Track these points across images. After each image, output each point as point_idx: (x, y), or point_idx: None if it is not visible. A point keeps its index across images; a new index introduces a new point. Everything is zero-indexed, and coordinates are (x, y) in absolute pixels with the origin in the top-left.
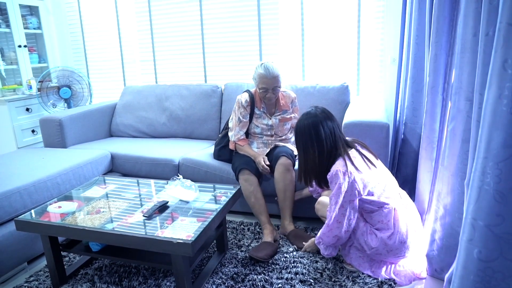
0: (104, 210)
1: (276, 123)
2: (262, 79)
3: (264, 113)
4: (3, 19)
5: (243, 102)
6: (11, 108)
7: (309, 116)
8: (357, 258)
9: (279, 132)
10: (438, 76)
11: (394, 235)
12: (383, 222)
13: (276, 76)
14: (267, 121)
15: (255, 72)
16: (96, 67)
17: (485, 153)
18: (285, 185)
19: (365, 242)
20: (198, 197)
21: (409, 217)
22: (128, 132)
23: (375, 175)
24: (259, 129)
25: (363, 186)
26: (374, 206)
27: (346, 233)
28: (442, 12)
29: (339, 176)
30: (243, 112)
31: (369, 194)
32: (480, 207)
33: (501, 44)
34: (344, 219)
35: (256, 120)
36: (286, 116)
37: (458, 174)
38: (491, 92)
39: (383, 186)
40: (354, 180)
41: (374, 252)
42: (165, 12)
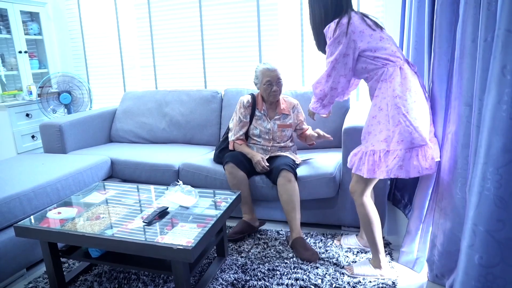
0: (104, 216)
1: (274, 128)
2: (266, 73)
3: (264, 115)
4: (4, 25)
5: (245, 102)
6: (11, 114)
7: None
8: (370, 163)
9: (277, 138)
10: (442, 82)
11: (394, 90)
12: (386, 81)
13: (277, 69)
14: (266, 124)
15: (256, 71)
16: (96, 72)
17: (485, 158)
18: (289, 196)
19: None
20: (198, 202)
21: (416, 83)
22: (128, 138)
23: (379, 35)
24: (258, 131)
25: (365, 41)
26: (378, 63)
27: (332, 90)
28: (444, 18)
29: (336, 27)
30: (243, 112)
31: (372, 50)
32: (480, 213)
33: (500, 50)
34: (333, 73)
35: (256, 122)
36: (286, 122)
37: (458, 179)
38: (491, 98)
39: (389, 48)
40: (352, 31)
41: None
42: (165, 17)
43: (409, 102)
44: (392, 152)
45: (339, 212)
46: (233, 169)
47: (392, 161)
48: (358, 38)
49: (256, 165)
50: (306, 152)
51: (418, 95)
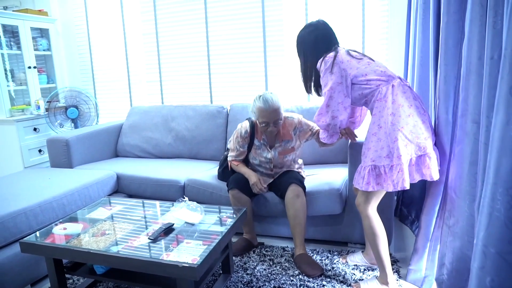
0: (109, 232)
1: (275, 157)
2: (262, 113)
3: (264, 145)
4: (15, 41)
5: (243, 132)
6: (19, 128)
7: (310, 27)
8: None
9: (279, 165)
10: (448, 98)
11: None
12: (381, 100)
13: (277, 109)
14: (266, 154)
15: (253, 105)
16: (103, 87)
17: (494, 179)
18: (296, 211)
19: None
20: (203, 219)
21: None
22: (134, 153)
23: (367, 61)
24: (257, 161)
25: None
26: (372, 84)
27: (334, 119)
28: (450, 35)
29: (327, 61)
30: (241, 142)
31: (363, 75)
32: (491, 234)
33: (507, 71)
34: (331, 102)
35: (255, 151)
36: (288, 147)
37: (467, 197)
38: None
39: (379, 69)
40: (340, 61)
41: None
42: (171, 33)
43: (403, 117)
44: (395, 167)
45: (346, 228)
46: (237, 194)
47: (397, 175)
48: (347, 66)
49: (253, 187)
50: (312, 167)
51: (412, 108)
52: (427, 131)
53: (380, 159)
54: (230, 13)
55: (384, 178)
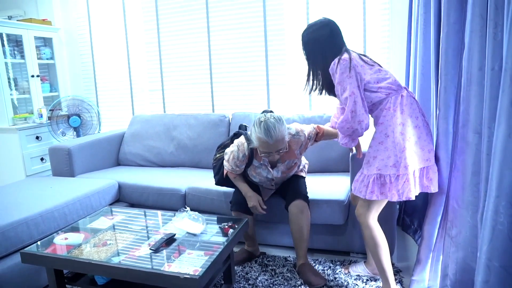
0: (110, 243)
1: (278, 175)
2: (263, 144)
3: (264, 165)
4: (18, 50)
5: (240, 156)
6: (21, 137)
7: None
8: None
9: (280, 181)
10: (448, 108)
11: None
12: (390, 109)
13: (281, 139)
14: (267, 173)
15: (253, 132)
16: (105, 96)
17: (497, 191)
18: (300, 226)
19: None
20: (205, 229)
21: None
22: (135, 161)
23: (377, 68)
24: (257, 179)
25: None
26: (382, 92)
27: (360, 123)
28: (450, 45)
29: (343, 63)
30: (238, 163)
31: (375, 82)
32: (494, 248)
33: (508, 84)
34: (357, 107)
35: (254, 171)
36: (291, 164)
37: (469, 207)
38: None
39: (390, 78)
40: (355, 65)
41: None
42: (174, 42)
43: (411, 128)
44: (402, 176)
45: (348, 238)
46: (240, 215)
47: (403, 185)
48: (361, 71)
49: (252, 209)
50: (315, 175)
51: (418, 120)
52: (431, 143)
53: (386, 168)
54: (232, 22)
55: (389, 187)
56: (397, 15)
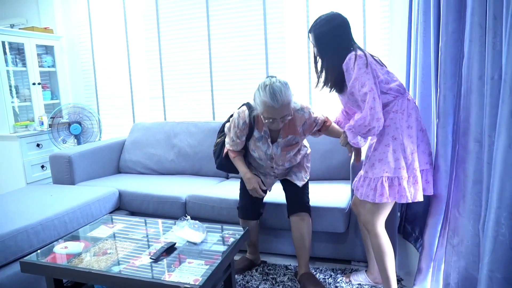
0: (111, 251)
1: (278, 153)
2: (268, 109)
3: (265, 137)
4: (20, 58)
5: (240, 124)
6: (22, 144)
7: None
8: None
9: (280, 161)
10: (447, 117)
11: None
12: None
13: (287, 104)
14: (266, 148)
15: (257, 96)
16: (106, 103)
17: (498, 202)
18: (301, 235)
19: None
20: (205, 238)
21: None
22: (136, 169)
23: (386, 69)
24: (257, 154)
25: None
26: (391, 94)
27: (378, 120)
28: (448, 54)
29: (360, 59)
30: (238, 133)
31: (386, 83)
32: (496, 259)
33: (508, 94)
34: (375, 104)
35: (254, 143)
36: (292, 142)
37: (471, 216)
38: (501, 141)
39: (397, 80)
40: (371, 62)
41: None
42: (174, 50)
43: (417, 131)
44: (411, 178)
45: (349, 246)
46: (245, 222)
47: (413, 186)
48: (376, 68)
49: (251, 192)
50: (315, 183)
51: (421, 124)
52: (430, 147)
53: (395, 170)
54: (233, 30)
55: (398, 189)
56: (396, 22)
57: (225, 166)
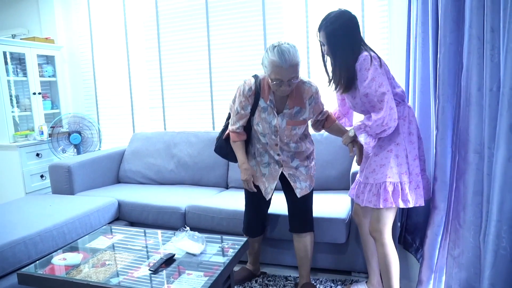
0: (109, 263)
1: (282, 126)
2: (276, 69)
3: (270, 107)
4: (21, 68)
5: (246, 90)
6: (22, 154)
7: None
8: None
9: (285, 138)
10: (446, 128)
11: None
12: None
13: (295, 65)
14: (272, 119)
15: (265, 57)
16: (106, 113)
17: (498, 216)
18: (305, 246)
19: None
20: (205, 249)
21: None
22: (136, 179)
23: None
24: (261, 128)
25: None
26: (396, 100)
27: (395, 121)
28: (447, 65)
29: (369, 59)
30: (243, 102)
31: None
32: (497, 273)
33: (506, 108)
34: (393, 104)
35: (259, 115)
36: (299, 117)
37: (471, 227)
38: (500, 154)
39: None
40: (383, 64)
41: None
42: (174, 60)
43: (417, 137)
44: (413, 183)
45: (350, 257)
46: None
47: (415, 191)
48: (388, 70)
49: (243, 183)
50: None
51: (419, 131)
52: (424, 153)
53: (398, 175)
54: (233, 40)
55: (401, 194)
56: (395, 33)
57: (223, 149)
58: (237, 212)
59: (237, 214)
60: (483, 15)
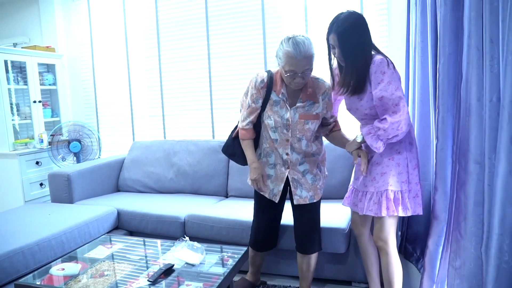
0: (108, 273)
1: (295, 119)
2: (290, 60)
3: (283, 100)
4: (22, 76)
5: (258, 82)
6: (21, 162)
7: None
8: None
9: (297, 132)
10: (447, 138)
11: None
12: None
13: (309, 56)
14: (284, 112)
15: (280, 49)
16: (106, 121)
17: (500, 229)
18: (307, 263)
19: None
20: (204, 259)
21: None
22: (135, 187)
23: None
24: (272, 122)
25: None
26: None
27: (408, 126)
28: (446, 76)
29: (386, 62)
30: (255, 95)
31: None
32: (500, 287)
33: (507, 120)
34: (407, 109)
35: (271, 109)
36: (312, 111)
37: (472, 238)
38: (501, 168)
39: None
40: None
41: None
42: (174, 69)
43: (416, 147)
44: (413, 192)
45: (350, 267)
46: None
47: (412, 200)
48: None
49: (252, 182)
50: None
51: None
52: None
53: (399, 184)
54: (233, 49)
55: (401, 202)
56: (394, 42)
57: (229, 148)
58: (236, 222)
59: (237, 223)
60: (482, 26)
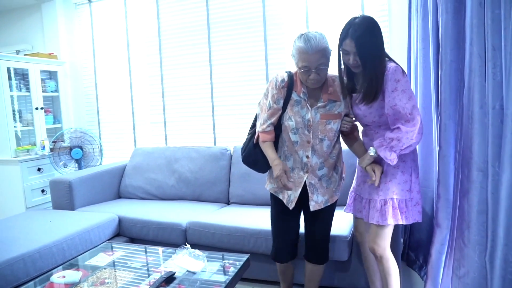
0: (109, 281)
1: (316, 119)
2: (302, 55)
3: (304, 100)
4: (24, 83)
5: (279, 81)
6: (23, 168)
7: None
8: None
9: (319, 133)
10: (449, 146)
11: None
12: None
13: (322, 50)
14: (305, 112)
15: (293, 47)
16: (108, 128)
17: (505, 240)
18: (314, 272)
19: None
20: (205, 267)
21: None
22: (137, 194)
23: None
24: (293, 123)
25: None
26: None
27: (422, 136)
28: (448, 83)
29: (400, 70)
30: (276, 95)
31: None
32: None
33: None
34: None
35: (292, 109)
36: (333, 111)
37: (476, 246)
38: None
39: None
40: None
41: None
42: (176, 75)
43: (417, 155)
44: (414, 200)
45: (352, 274)
46: (285, 267)
47: (413, 208)
48: None
49: (277, 181)
50: None
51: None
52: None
53: (403, 192)
54: (234, 56)
55: (405, 211)
56: (396, 49)
57: (251, 156)
58: (238, 229)
59: (239, 230)
60: (484, 33)
